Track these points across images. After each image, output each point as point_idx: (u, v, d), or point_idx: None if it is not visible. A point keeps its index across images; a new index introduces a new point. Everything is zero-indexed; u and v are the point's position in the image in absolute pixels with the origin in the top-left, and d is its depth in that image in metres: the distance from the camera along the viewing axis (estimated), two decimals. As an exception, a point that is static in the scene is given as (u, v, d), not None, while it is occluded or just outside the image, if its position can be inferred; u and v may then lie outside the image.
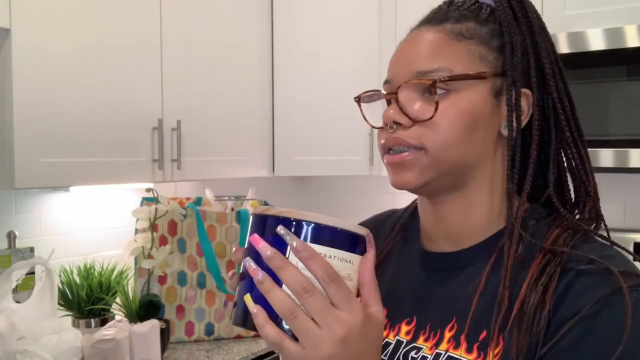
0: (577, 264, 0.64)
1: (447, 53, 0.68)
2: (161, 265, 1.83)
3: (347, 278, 0.57)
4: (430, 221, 0.75)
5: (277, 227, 0.57)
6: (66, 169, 1.68)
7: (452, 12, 0.72)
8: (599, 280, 0.62)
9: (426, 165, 0.68)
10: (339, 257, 0.57)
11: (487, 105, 0.69)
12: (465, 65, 0.68)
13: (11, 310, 1.52)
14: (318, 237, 0.57)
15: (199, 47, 2.09)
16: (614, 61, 1.95)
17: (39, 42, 1.61)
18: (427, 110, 0.67)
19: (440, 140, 0.67)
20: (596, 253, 0.64)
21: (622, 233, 2.28)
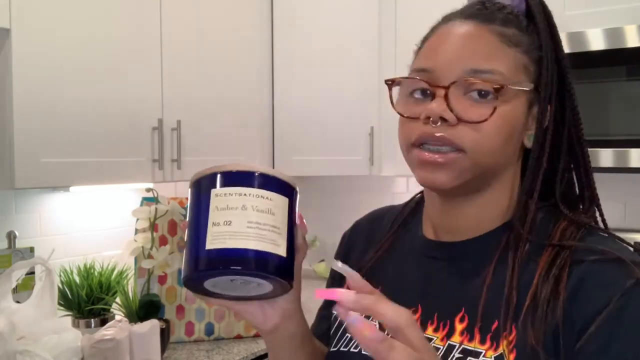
0: (587, 255, 0.65)
1: (500, 56, 0.68)
2: (161, 265, 1.83)
3: (269, 212, 0.65)
4: (440, 215, 0.76)
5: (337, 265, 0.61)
6: (66, 169, 1.68)
7: (497, 13, 0.71)
8: (617, 271, 0.63)
9: (464, 169, 0.68)
10: (255, 194, 0.65)
11: (523, 116, 0.70)
12: (514, 73, 0.68)
13: (11, 310, 1.52)
14: (229, 181, 0.66)
15: (199, 47, 2.09)
16: (614, 61, 1.95)
17: (39, 42, 1.61)
18: (480, 113, 0.66)
19: (485, 145, 0.67)
20: (603, 245, 0.66)
21: (622, 233, 2.27)
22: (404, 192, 2.84)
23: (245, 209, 0.65)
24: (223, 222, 0.64)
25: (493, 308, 0.67)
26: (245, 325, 2.02)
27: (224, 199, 0.66)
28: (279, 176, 0.67)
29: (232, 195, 0.66)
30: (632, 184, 2.33)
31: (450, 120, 0.66)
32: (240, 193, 0.65)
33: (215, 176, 0.67)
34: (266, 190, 0.66)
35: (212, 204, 0.66)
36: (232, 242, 0.63)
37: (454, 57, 0.68)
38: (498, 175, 0.72)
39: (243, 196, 0.65)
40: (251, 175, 0.66)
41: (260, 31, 2.38)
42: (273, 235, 0.64)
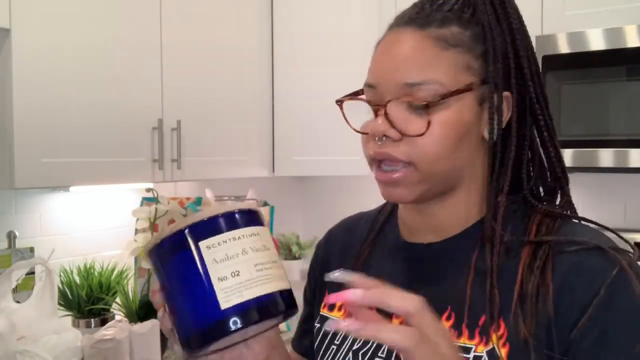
0: (567, 246, 0.67)
1: (435, 63, 0.67)
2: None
3: (264, 248, 0.62)
4: (415, 218, 0.76)
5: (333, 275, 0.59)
6: (66, 169, 1.68)
7: (435, 13, 0.70)
8: (600, 260, 0.65)
9: (417, 181, 0.69)
10: (248, 234, 0.61)
11: (472, 114, 0.69)
12: (453, 77, 0.68)
13: (11, 310, 1.52)
14: (217, 229, 0.61)
15: (199, 47, 2.09)
16: (614, 61, 1.95)
17: (39, 42, 1.61)
18: (418, 127, 0.67)
19: (430, 155, 0.67)
20: (580, 234, 0.68)
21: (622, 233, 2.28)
22: (404, 192, 2.84)
23: (246, 253, 0.60)
24: (230, 274, 0.59)
25: (478, 304, 0.67)
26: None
27: (220, 249, 0.60)
28: (253, 208, 0.65)
29: (227, 242, 0.60)
30: (632, 184, 2.33)
31: (394, 137, 0.67)
32: (236, 237, 0.61)
33: (196, 227, 0.61)
34: (253, 226, 0.63)
35: (206, 258, 0.60)
36: (249, 293, 0.59)
37: (391, 72, 0.68)
38: (461, 175, 0.72)
39: (239, 239, 0.61)
40: (232, 216, 0.62)
41: (260, 31, 2.38)
42: (279, 271, 0.62)
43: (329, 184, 3.06)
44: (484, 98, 0.70)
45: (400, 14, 0.73)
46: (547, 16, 2.12)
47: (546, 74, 2.07)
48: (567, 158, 2.04)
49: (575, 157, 2.02)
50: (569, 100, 2.03)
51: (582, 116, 2.02)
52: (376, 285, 0.57)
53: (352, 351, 0.75)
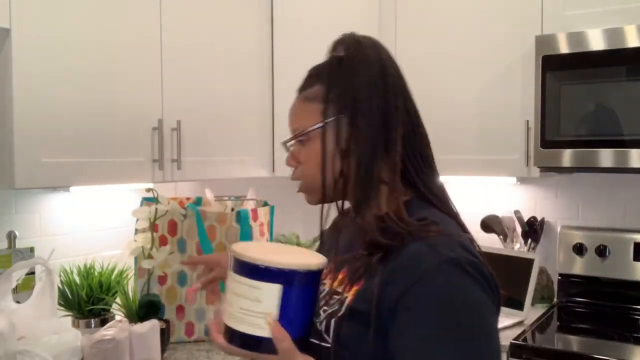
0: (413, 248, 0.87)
1: (302, 115, 1.01)
2: (161, 265, 1.83)
3: (256, 300, 0.80)
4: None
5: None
6: (66, 169, 1.68)
7: (307, 80, 1.05)
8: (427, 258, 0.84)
9: (309, 190, 1.01)
10: (246, 283, 0.81)
11: (332, 140, 0.94)
12: (312, 120, 0.97)
13: (11, 310, 1.52)
14: (234, 267, 0.83)
15: (199, 47, 2.09)
16: (614, 61, 1.95)
17: (39, 42, 1.61)
18: (300, 156, 1.01)
19: (309, 173, 0.99)
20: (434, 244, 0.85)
21: (622, 233, 2.28)
22: (404, 192, 2.83)
23: (239, 296, 0.81)
24: (229, 303, 0.83)
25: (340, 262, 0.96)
26: (245, 325, 2.02)
27: (231, 282, 0.83)
28: (274, 266, 0.80)
29: (233, 281, 0.83)
30: (632, 184, 2.33)
31: (293, 165, 1.03)
32: (238, 281, 0.82)
33: (232, 258, 0.84)
34: (256, 280, 0.80)
35: (228, 282, 0.84)
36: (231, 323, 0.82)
37: (288, 122, 1.05)
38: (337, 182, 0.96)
39: (238, 284, 0.82)
40: (246, 265, 0.81)
41: (260, 31, 2.38)
42: (260, 321, 0.80)
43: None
44: (339, 127, 0.94)
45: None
46: (547, 16, 2.12)
47: (546, 74, 2.07)
48: (567, 158, 2.04)
49: (575, 157, 2.02)
50: (569, 100, 2.03)
51: (582, 116, 2.02)
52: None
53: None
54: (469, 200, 2.61)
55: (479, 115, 2.26)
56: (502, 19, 2.22)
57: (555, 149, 2.05)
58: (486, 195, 2.60)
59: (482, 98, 2.25)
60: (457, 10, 2.30)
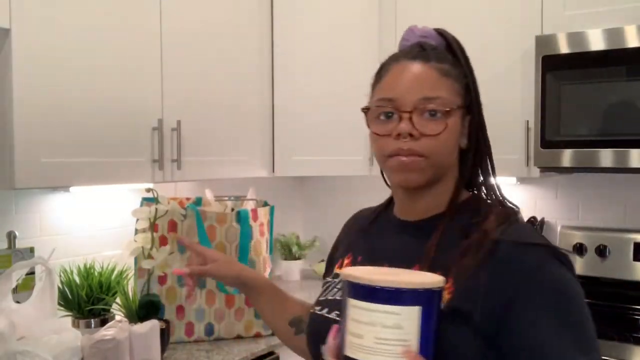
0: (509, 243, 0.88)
1: (442, 85, 0.94)
2: (161, 265, 1.83)
3: (396, 327, 0.74)
4: (407, 203, 1.01)
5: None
6: (66, 169, 1.68)
7: (432, 53, 0.96)
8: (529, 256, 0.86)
9: (427, 168, 0.93)
10: (381, 310, 0.74)
11: (459, 127, 0.96)
12: (453, 96, 0.94)
13: (11, 310, 1.52)
14: (359, 294, 0.76)
15: (199, 47, 2.09)
16: (614, 61, 1.95)
17: (39, 42, 1.61)
18: (435, 128, 0.91)
19: (440, 150, 0.93)
20: (526, 236, 0.89)
21: (622, 233, 2.28)
22: (404, 192, 2.83)
23: (374, 325, 0.74)
24: (356, 335, 0.75)
25: (438, 263, 0.89)
26: (245, 325, 2.02)
27: (357, 311, 0.76)
28: (410, 287, 0.74)
29: (362, 310, 0.75)
30: (632, 184, 2.33)
31: (415, 135, 0.91)
32: (369, 309, 0.74)
33: (353, 285, 0.76)
34: (394, 305, 0.74)
35: (349, 313, 0.76)
36: (363, 356, 0.74)
37: (410, 89, 0.93)
38: (445, 173, 0.97)
39: (371, 312, 0.74)
40: (379, 291, 0.74)
41: (260, 31, 2.38)
42: (400, 350, 0.73)
43: (329, 184, 3.06)
44: (464, 116, 0.97)
45: (402, 52, 0.99)
46: (547, 16, 2.12)
47: (546, 74, 2.07)
48: (567, 158, 2.04)
49: (575, 157, 2.03)
50: (569, 100, 2.04)
51: (582, 116, 2.02)
52: None
53: None
54: (469, 200, 2.60)
55: (479, 115, 2.26)
56: (502, 19, 2.22)
57: (555, 149, 2.05)
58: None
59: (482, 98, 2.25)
60: (457, 10, 2.30)
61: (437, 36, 1.01)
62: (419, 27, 1.02)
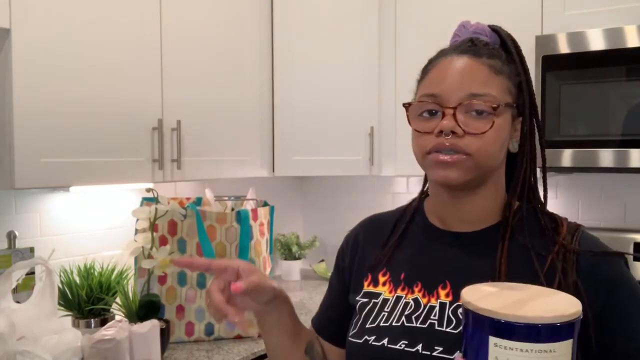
0: (588, 251, 0.86)
1: (492, 82, 0.87)
2: (161, 265, 1.83)
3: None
4: (447, 209, 0.94)
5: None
6: (66, 169, 1.68)
7: (483, 49, 0.90)
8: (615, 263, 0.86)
9: (470, 168, 0.86)
10: (535, 349, 0.65)
11: (509, 127, 0.90)
12: (502, 95, 0.88)
13: (11, 310, 1.52)
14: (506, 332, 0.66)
15: (199, 47, 2.09)
16: (614, 61, 1.95)
17: (39, 42, 1.61)
18: (481, 127, 0.85)
19: (486, 150, 0.86)
20: (595, 243, 0.88)
21: (622, 233, 2.28)
22: (404, 192, 2.84)
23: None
24: None
25: (514, 278, 0.83)
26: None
27: (505, 352, 0.66)
28: (563, 321, 0.66)
29: (513, 350, 0.65)
30: (632, 184, 2.33)
31: (459, 133, 0.85)
32: (523, 349, 0.65)
33: (497, 323, 0.66)
34: (551, 342, 0.65)
35: (490, 353, 0.67)
36: None
37: (456, 84, 0.87)
38: (492, 174, 0.91)
39: (526, 352, 0.65)
40: (534, 329, 0.65)
41: (260, 31, 2.38)
42: None
43: (329, 184, 3.06)
44: (515, 117, 0.91)
45: (451, 47, 0.94)
46: (547, 16, 2.12)
47: (546, 74, 2.07)
48: (567, 158, 2.04)
49: (575, 157, 2.03)
50: (569, 100, 2.04)
51: (582, 116, 2.02)
52: None
53: (405, 315, 0.90)
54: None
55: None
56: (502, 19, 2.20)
57: (555, 149, 2.06)
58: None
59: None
60: (456, 10, 2.30)
61: (492, 33, 0.95)
62: (471, 23, 0.96)
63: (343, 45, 2.46)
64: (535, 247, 0.88)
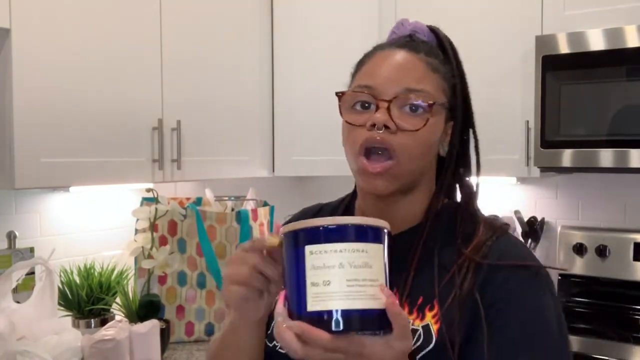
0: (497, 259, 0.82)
1: (428, 79, 0.85)
2: (161, 265, 1.83)
3: (365, 266, 0.66)
4: (377, 214, 0.83)
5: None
6: (66, 169, 1.68)
7: (421, 44, 0.88)
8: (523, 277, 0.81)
9: (397, 176, 0.83)
10: (350, 249, 0.66)
11: (441, 129, 0.87)
12: (438, 93, 0.85)
13: (11, 310, 1.52)
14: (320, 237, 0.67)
15: (199, 47, 2.09)
16: (614, 61, 1.94)
17: (39, 42, 1.61)
18: (415, 123, 0.82)
19: (413, 150, 0.83)
20: (511, 249, 0.84)
21: (622, 233, 2.28)
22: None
23: (342, 267, 0.66)
24: (322, 283, 0.66)
25: (418, 287, 0.82)
26: (245, 325, 2.02)
27: (320, 256, 0.66)
28: (372, 223, 0.69)
29: (328, 253, 0.66)
30: (632, 184, 2.33)
31: (392, 128, 0.81)
32: (337, 250, 0.66)
33: (309, 231, 0.68)
34: (361, 242, 0.67)
35: (307, 262, 0.67)
36: (333, 304, 0.65)
37: (392, 77, 0.84)
38: (420, 179, 0.88)
39: (340, 253, 0.66)
40: (344, 229, 0.67)
41: (260, 31, 2.38)
42: (373, 290, 0.66)
43: (329, 184, 3.06)
44: (447, 119, 0.88)
45: (388, 41, 0.93)
46: (547, 16, 2.12)
47: (546, 74, 2.07)
48: (567, 158, 2.04)
49: (575, 157, 2.02)
50: (569, 100, 2.03)
51: (582, 116, 2.02)
52: None
53: None
54: (469, 200, 2.61)
55: (479, 115, 2.23)
56: (502, 19, 2.22)
57: (555, 149, 2.05)
58: (486, 195, 2.60)
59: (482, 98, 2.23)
60: (457, 10, 2.30)
61: (429, 33, 0.93)
62: (410, 21, 0.95)
63: (343, 45, 2.46)
64: (443, 256, 0.83)
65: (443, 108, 0.86)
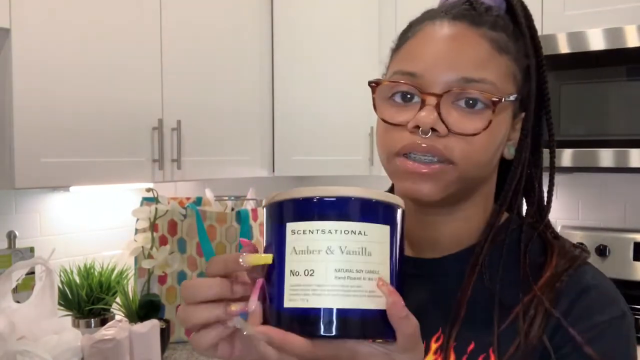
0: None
1: (491, 64, 0.63)
2: (161, 265, 1.83)
3: (362, 253, 0.49)
4: (419, 231, 0.70)
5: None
6: (66, 169, 1.68)
7: (485, 15, 0.66)
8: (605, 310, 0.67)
9: (451, 181, 0.63)
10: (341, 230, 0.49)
11: (507, 128, 0.67)
12: (504, 82, 0.64)
13: (11, 310, 1.52)
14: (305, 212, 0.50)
15: (199, 47, 2.09)
16: (614, 61, 1.95)
17: (39, 42, 1.61)
18: (473, 125, 0.62)
19: (475, 157, 0.63)
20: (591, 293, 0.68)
21: (622, 233, 2.28)
22: (404, 192, 2.83)
23: (331, 252, 0.49)
24: (304, 272, 0.49)
25: (469, 329, 0.64)
26: (245, 325, 2.02)
27: (304, 237, 0.50)
28: (377, 197, 0.51)
29: (313, 234, 0.50)
30: (632, 184, 2.33)
31: (442, 132, 0.61)
32: (325, 229, 0.49)
33: (291, 204, 0.51)
34: (359, 221, 0.50)
35: (288, 244, 0.50)
36: (316, 300, 0.49)
37: (444, 63, 0.63)
38: (478, 188, 0.68)
39: (328, 234, 0.49)
40: (337, 203, 0.50)
41: (260, 31, 2.38)
42: (369, 285, 0.49)
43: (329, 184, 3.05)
44: (516, 113, 0.67)
45: (441, 8, 0.69)
46: (547, 16, 2.12)
47: (546, 74, 2.07)
48: (567, 158, 2.04)
49: (575, 157, 2.02)
50: (569, 100, 2.03)
51: (582, 116, 2.02)
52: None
53: None
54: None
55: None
56: (502, 19, 2.22)
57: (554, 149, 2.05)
58: (486, 195, 2.60)
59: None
60: (457, 10, 2.30)
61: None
62: None
63: (343, 45, 2.46)
64: (504, 291, 0.65)
65: (512, 101, 0.65)
